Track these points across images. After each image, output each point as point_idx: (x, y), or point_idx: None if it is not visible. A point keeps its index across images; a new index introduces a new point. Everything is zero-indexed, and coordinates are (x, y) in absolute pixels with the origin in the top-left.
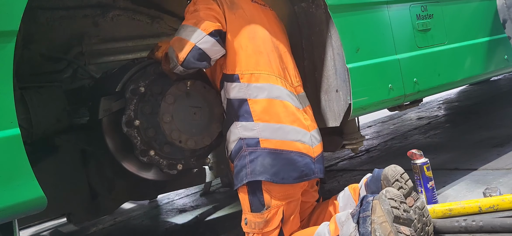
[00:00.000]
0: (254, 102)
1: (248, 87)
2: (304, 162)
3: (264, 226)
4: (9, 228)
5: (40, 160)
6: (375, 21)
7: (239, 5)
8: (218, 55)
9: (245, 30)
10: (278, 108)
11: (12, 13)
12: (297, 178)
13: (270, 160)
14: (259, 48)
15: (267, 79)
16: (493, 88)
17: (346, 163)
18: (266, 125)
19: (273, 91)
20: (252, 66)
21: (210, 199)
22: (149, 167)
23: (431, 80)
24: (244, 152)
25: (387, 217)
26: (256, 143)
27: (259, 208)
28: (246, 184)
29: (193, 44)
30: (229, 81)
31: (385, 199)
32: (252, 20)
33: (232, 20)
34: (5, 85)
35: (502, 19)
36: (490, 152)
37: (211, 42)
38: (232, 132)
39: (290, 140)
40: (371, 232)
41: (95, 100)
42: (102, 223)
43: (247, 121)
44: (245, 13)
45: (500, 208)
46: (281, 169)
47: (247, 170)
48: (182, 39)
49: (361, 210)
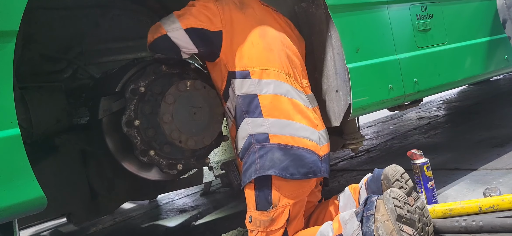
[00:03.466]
0: (264, 98)
1: (259, 83)
2: (312, 159)
3: (270, 224)
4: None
5: (40, 160)
6: (375, 21)
7: (250, 5)
8: (189, 51)
9: (255, 29)
10: (287, 105)
11: (12, 13)
12: (305, 174)
13: (279, 155)
14: (270, 46)
15: (277, 76)
16: (493, 88)
17: (346, 163)
18: (276, 121)
19: (282, 88)
20: (263, 62)
21: (210, 199)
22: (149, 167)
23: (431, 80)
24: (253, 148)
25: (390, 215)
26: (266, 138)
27: (265, 206)
28: (254, 180)
29: (165, 32)
30: (238, 77)
31: (389, 198)
32: (263, 20)
33: (241, 19)
34: (5, 85)
35: (502, 19)
36: (490, 152)
37: (182, 37)
38: (242, 128)
39: (299, 136)
40: (374, 230)
41: (95, 100)
42: (102, 223)
43: (257, 117)
44: (256, 13)
45: (500, 208)
46: (290, 164)
47: (256, 165)
48: (159, 25)
49: (365, 209)
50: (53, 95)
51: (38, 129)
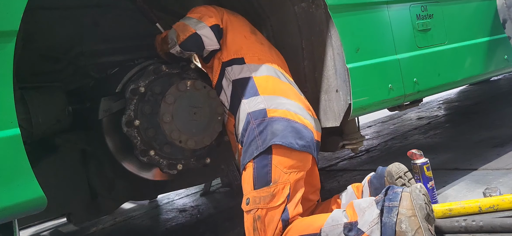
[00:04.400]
0: (260, 78)
1: (254, 66)
2: (309, 134)
3: (270, 200)
4: (9, 228)
5: (40, 160)
6: (375, 21)
7: (239, 15)
8: (212, 47)
9: (247, 27)
10: (282, 85)
11: (12, 13)
12: (303, 146)
13: (278, 125)
14: (261, 41)
15: (271, 64)
16: (493, 88)
17: (346, 163)
18: (272, 97)
19: (277, 73)
20: (256, 52)
21: (210, 199)
22: (149, 167)
23: (431, 80)
24: (252, 125)
25: (418, 212)
26: (264, 113)
27: (266, 183)
28: (253, 159)
29: (194, 31)
30: (234, 64)
31: (419, 193)
32: (252, 25)
33: (233, 20)
34: (5, 85)
35: (502, 19)
36: (490, 152)
37: (209, 33)
38: (241, 111)
39: (296, 113)
40: (396, 223)
41: (95, 100)
42: (102, 223)
43: (253, 96)
44: (245, 19)
45: (500, 208)
46: (288, 134)
47: (257, 142)
48: (186, 25)
49: (387, 199)
50: (53, 95)
51: (38, 129)
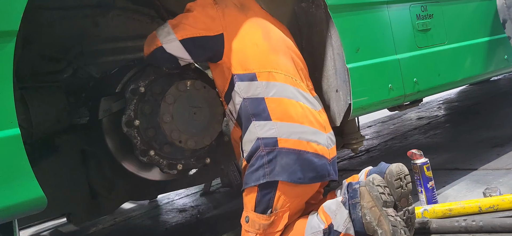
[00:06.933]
0: (272, 101)
1: (267, 86)
2: (321, 163)
3: (269, 226)
4: (9, 228)
5: (40, 160)
6: (375, 21)
7: (250, 7)
8: (185, 62)
9: (259, 30)
10: (295, 108)
11: (12, 13)
12: (313, 178)
13: (288, 159)
14: (275, 48)
15: (284, 80)
16: (493, 88)
17: (346, 163)
18: (284, 124)
19: (290, 91)
20: (269, 64)
21: (210, 199)
22: (149, 167)
23: (431, 80)
24: (261, 152)
25: (376, 202)
26: (274, 142)
27: (266, 209)
28: (260, 184)
29: (160, 44)
30: (244, 80)
31: (373, 186)
32: (264, 21)
33: (242, 20)
34: (5, 85)
35: (502, 19)
36: (490, 152)
37: (177, 49)
38: (250, 131)
39: (308, 140)
40: (362, 216)
41: (95, 100)
42: (102, 223)
43: (264, 120)
44: (257, 15)
45: (500, 208)
46: (298, 168)
47: (265, 170)
48: (154, 36)
49: (350, 197)
50: (53, 95)
51: (38, 129)
